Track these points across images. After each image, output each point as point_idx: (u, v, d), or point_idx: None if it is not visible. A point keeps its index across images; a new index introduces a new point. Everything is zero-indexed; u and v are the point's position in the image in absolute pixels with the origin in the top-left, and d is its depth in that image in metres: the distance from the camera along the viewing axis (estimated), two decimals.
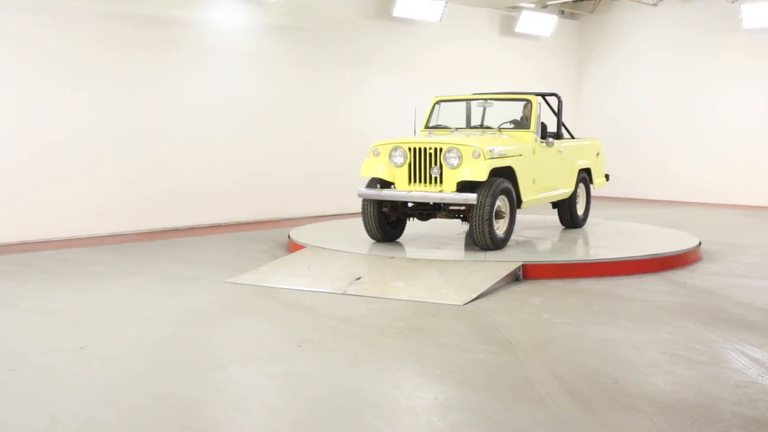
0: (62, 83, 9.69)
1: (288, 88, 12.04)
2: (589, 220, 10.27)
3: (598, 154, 10.30)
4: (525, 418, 3.74)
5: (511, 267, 7.01)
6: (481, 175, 7.50)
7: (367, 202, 8.15)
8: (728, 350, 4.89)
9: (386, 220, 8.28)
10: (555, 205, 9.64)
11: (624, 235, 9.11)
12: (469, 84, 13.35)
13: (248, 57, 11.53)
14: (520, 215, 9.78)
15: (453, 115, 9.21)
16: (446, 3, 13.29)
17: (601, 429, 3.61)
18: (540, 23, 15.35)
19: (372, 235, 8.33)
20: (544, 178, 8.74)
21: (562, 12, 16.34)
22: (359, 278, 6.84)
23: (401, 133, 10.37)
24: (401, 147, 7.92)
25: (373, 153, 8.12)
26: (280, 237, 9.91)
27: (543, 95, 9.53)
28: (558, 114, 9.56)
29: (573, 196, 9.55)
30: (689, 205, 14.57)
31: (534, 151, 8.49)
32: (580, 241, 8.78)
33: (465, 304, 6.09)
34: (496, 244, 7.70)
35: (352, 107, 12.85)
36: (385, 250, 7.87)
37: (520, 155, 8.19)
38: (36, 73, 9.47)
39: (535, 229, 9.57)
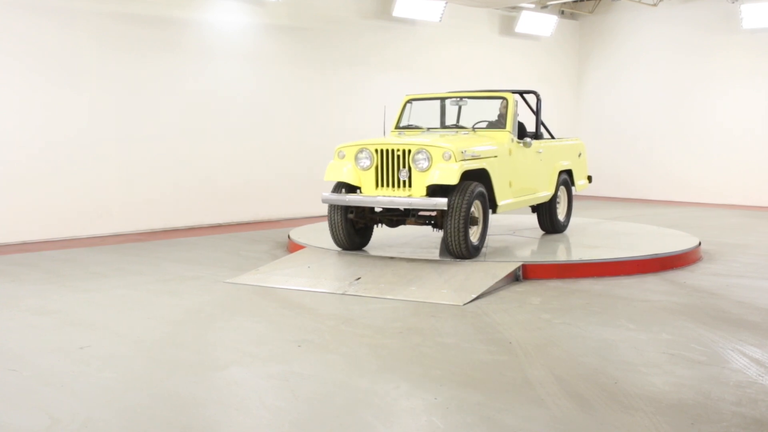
0: (62, 83, 9.69)
1: (288, 88, 12.04)
2: (589, 220, 10.25)
3: (580, 155, 9.81)
4: (525, 418, 3.74)
5: (511, 267, 7.01)
6: (452, 179, 7.01)
7: (333, 208, 7.67)
8: (728, 350, 4.89)
9: (354, 227, 7.80)
10: (534, 209, 9.16)
11: (624, 235, 9.11)
12: (469, 84, 13.39)
13: (248, 57, 11.54)
14: (519, 215, 9.78)
15: (427, 114, 8.72)
16: (446, 3, 13.30)
17: (600, 429, 3.61)
18: (540, 23, 15.36)
19: (339, 243, 7.83)
20: (521, 181, 8.26)
21: (562, 12, 16.35)
22: (359, 278, 6.84)
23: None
24: (367, 149, 7.44)
25: (338, 155, 7.66)
26: (280, 237, 9.91)
27: (521, 93, 9.06)
28: (537, 113, 9.00)
29: (553, 200, 9.04)
30: (689, 205, 14.57)
31: (510, 152, 8.01)
32: (580, 241, 8.76)
33: (465, 304, 6.09)
34: (471, 252, 7.27)
35: (353, 107, 12.86)
36: (385, 251, 7.87)
37: (495, 156, 7.71)
38: (36, 73, 9.48)
39: (534, 230, 9.56)
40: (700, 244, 8.47)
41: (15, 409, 3.88)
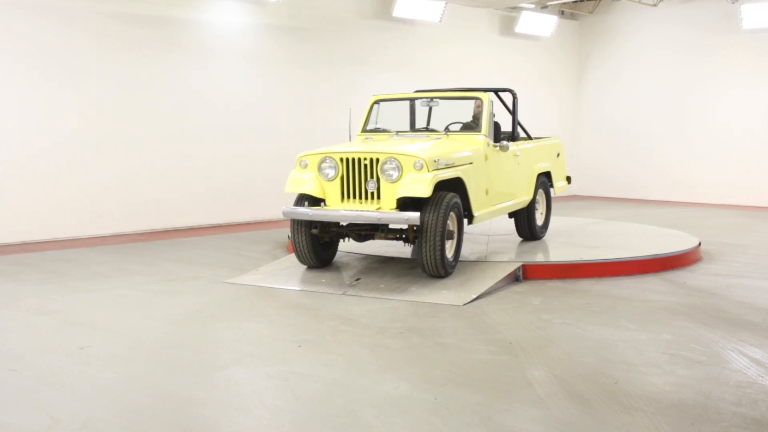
0: (62, 83, 9.69)
1: (288, 88, 12.04)
2: (589, 220, 10.21)
3: (558, 155, 9.29)
4: (525, 418, 3.75)
5: (511, 267, 7.01)
6: (425, 190, 6.37)
7: (295, 223, 7.01)
8: (728, 350, 4.89)
9: (319, 242, 7.19)
10: (512, 214, 8.60)
11: (624, 235, 9.11)
12: (469, 84, 13.37)
13: (248, 57, 11.54)
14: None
15: (396, 116, 8.15)
16: (446, 3, 13.30)
17: (600, 429, 3.61)
18: (540, 24, 15.36)
19: (303, 261, 7.22)
20: (498, 188, 7.74)
21: (562, 12, 16.35)
22: (359, 279, 6.84)
23: None
24: (331, 157, 6.78)
25: (299, 164, 7.01)
26: (280, 237, 9.92)
27: (496, 91, 8.47)
28: (513, 112, 8.35)
29: (532, 205, 8.53)
30: (689, 205, 14.57)
31: (486, 158, 7.43)
32: (580, 242, 8.76)
33: (465, 304, 6.09)
34: (448, 270, 6.74)
35: (353, 107, 12.84)
36: (385, 251, 7.87)
37: (471, 163, 7.12)
38: (36, 73, 9.48)
39: None
40: (700, 244, 8.47)
41: (15, 409, 3.88)
